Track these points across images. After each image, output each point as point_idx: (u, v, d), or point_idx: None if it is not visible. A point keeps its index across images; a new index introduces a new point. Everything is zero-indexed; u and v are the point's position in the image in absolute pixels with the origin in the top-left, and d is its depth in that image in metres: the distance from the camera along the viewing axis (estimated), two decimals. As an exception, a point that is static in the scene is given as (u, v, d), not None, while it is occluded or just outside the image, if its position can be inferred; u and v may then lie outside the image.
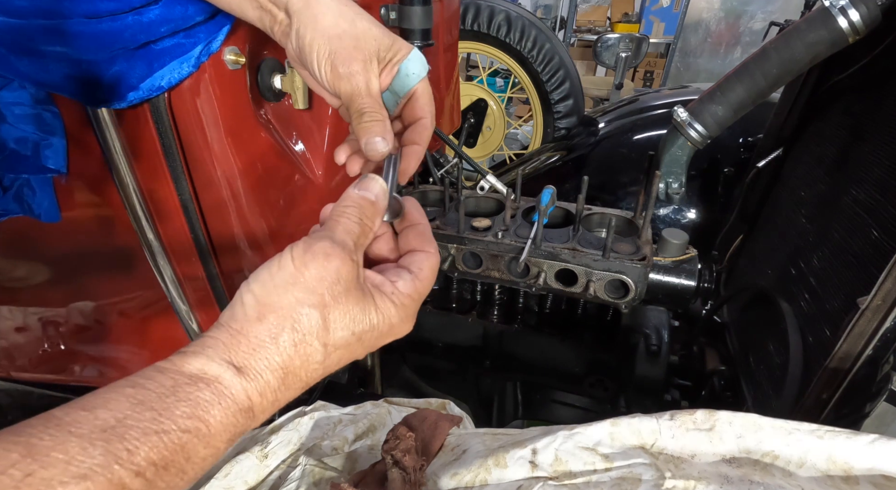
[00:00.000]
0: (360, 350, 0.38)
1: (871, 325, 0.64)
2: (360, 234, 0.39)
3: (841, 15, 0.73)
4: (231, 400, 0.31)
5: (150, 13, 0.51)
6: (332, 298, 0.35)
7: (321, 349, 0.35)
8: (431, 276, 0.42)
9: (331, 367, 0.37)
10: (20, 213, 0.66)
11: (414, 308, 0.40)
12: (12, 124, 0.59)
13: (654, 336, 0.97)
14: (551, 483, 0.49)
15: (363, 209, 0.40)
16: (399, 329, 0.40)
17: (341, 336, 0.36)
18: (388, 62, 0.45)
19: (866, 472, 0.42)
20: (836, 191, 0.83)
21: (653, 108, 1.51)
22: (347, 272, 0.36)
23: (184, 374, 0.31)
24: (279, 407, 0.35)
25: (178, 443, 0.28)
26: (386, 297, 0.38)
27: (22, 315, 0.86)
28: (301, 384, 0.35)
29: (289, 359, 0.34)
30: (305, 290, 0.34)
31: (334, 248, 0.36)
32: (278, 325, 0.34)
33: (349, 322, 0.36)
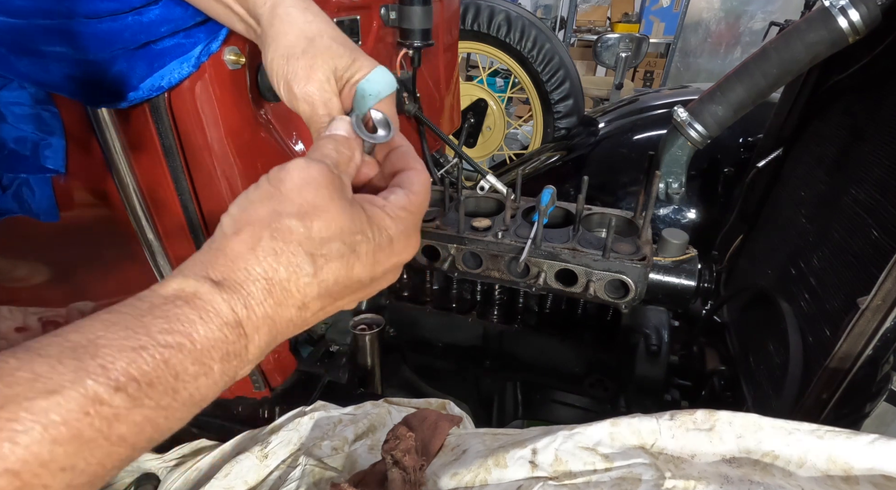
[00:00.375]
0: (359, 268, 0.35)
1: (871, 325, 0.64)
2: (339, 159, 0.37)
3: (841, 15, 0.73)
4: (213, 313, 0.30)
5: (151, 13, 0.51)
6: (312, 207, 0.33)
7: (308, 259, 0.33)
8: (424, 191, 0.40)
9: (328, 284, 0.34)
10: (19, 212, 0.66)
11: (413, 221, 0.38)
12: (12, 124, 0.59)
13: (654, 336, 0.97)
14: (551, 483, 0.49)
15: (336, 140, 0.39)
16: (400, 245, 0.37)
17: (329, 245, 0.33)
18: (347, 82, 0.44)
19: (866, 472, 0.42)
20: (836, 191, 0.83)
21: (653, 108, 1.51)
22: (328, 182, 0.34)
23: (160, 295, 0.29)
24: (279, 329, 0.33)
25: (160, 358, 0.27)
26: (378, 208, 0.36)
27: (22, 315, 0.86)
28: (294, 300, 0.33)
29: (270, 268, 0.32)
30: (283, 201, 0.33)
31: (310, 162, 0.34)
32: (254, 236, 0.32)
33: (337, 230, 0.33)
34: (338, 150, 0.38)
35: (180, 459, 0.82)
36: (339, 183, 0.35)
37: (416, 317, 1.07)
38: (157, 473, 0.82)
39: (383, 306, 1.08)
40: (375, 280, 0.38)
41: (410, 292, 1.08)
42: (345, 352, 0.98)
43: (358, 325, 0.96)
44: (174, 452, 0.82)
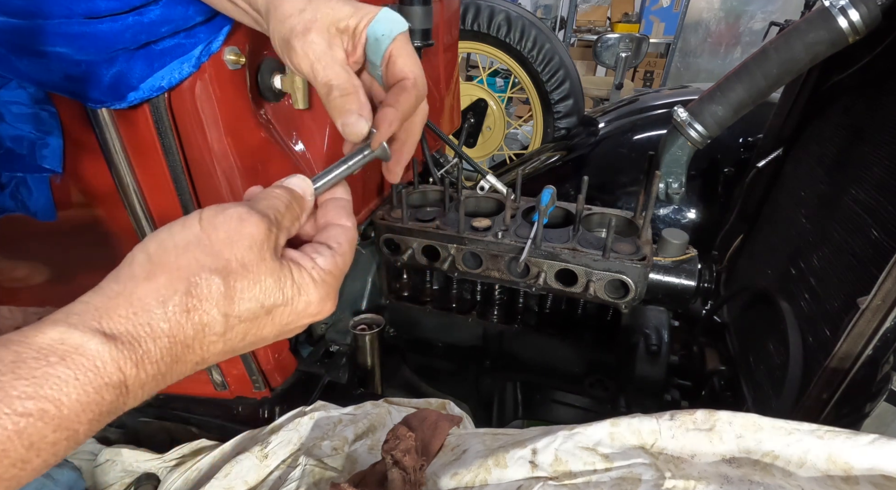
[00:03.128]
0: (269, 328, 0.34)
1: (871, 325, 0.64)
2: (286, 215, 0.35)
3: (841, 15, 0.73)
4: (94, 373, 0.26)
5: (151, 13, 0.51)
6: (240, 265, 0.31)
7: (221, 319, 0.30)
8: (350, 251, 0.39)
9: (234, 342, 0.32)
10: (17, 210, 0.66)
11: (335, 285, 0.37)
12: (10, 123, 0.59)
13: (654, 336, 0.97)
14: (551, 483, 0.49)
15: (293, 196, 0.37)
16: (317, 307, 0.35)
17: (247, 307, 0.31)
18: (354, 30, 0.41)
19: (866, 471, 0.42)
20: (836, 191, 0.83)
21: (653, 108, 1.51)
22: (262, 240, 0.32)
23: (32, 347, 0.25)
24: (167, 382, 0.30)
25: (13, 428, 0.23)
26: (305, 271, 0.34)
27: (22, 315, 0.86)
28: (196, 358, 0.31)
29: (178, 326, 0.29)
30: (209, 252, 0.30)
31: (251, 214, 0.32)
32: (169, 287, 0.29)
33: (258, 293, 0.32)
34: (288, 207, 0.36)
35: (180, 459, 0.82)
36: (273, 242, 0.33)
37: (416, 317, 1.07)
38: (157, 473, 0.82)
39: (383, 306, 1.08)
40: (282, 335, 0.36)
41: (410, 292, 1.08)
42: (345, 352, 0.98)
43: (358, 325, 0.96)
44: (174, 452, 0.82)
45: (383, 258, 0.98)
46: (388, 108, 0.40)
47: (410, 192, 1.01)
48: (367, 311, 1.04)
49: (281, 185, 0.38)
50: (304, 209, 0.38)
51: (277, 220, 0.34)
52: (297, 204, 0.37)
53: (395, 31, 0.41)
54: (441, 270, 0.91)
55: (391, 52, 0.42)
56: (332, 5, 0.41)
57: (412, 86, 0.42)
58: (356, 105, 0.40)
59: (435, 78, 1.17)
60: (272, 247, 0.33)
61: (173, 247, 0.30)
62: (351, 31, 0.41)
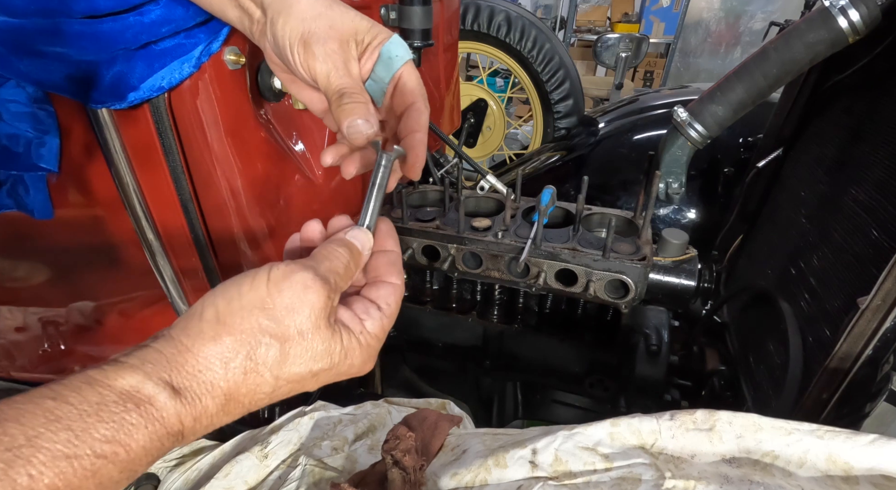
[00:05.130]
0: (311, 384, 0.36)
1: (871, 325, 0.64)
2: (343, 277, 0.37)
3: (841, 15, 0.73)
4: (160, 423, 0.28)
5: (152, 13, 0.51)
6: (297, 333, 0.33)
7: (272, 381, 0.33)
8: (397, 310, 0.40)
9: (277, 398, 0.35)
10: (15, 208, 0.66)
11: (378, 348, 0.39)
12: (7, 122, 0.59)
13: (654, 336, 0.97)
14: (551, 483, 0.49)
15: (352, 255, 0.38)
16: (359, 369, 0.37)
17: (297, 371, 0.34)
18: (368, 45, 0.43)
19: (866, 472, 0.42)
20: (836, 191, 0.83)
21: (653, 108, 1.51)
22: (321, 309, 0.34)
23: (114, 390, 0.28)
24: (213, 429, 0.33)
25: (91, 469, 0.25)
26: (354, 336, 0.36)
27: (22, 315, 0.86)
28: (242, 411, 0.33)
29: (235, 386, 0.31)
30: (273, 318, 0.32)
31: (315, 282, 0.34)
32: (233, 350, 0.31)
33: (308, 359, 0.34)
34: (346, 268, 0.37)
35: (180, 459, 0.82)
36: (330, 308, 0.35)
37: (416, 317, 1.07)
38: (157, 473, 0.82)
39: (383, 306, 1.08)
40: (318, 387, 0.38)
41: (410, 292, 1.08)
42: (345, 352, 0.98)
43: (358, 325, 0.96)
44: (174, 452, 0.82)
45: (383, 258, 0.98)
46: (417, 134, 0.44)
47: (410, 192, 1.01)
48: (367, 311, 1.04)
49: (343, 240, 0.39)
50: (360, 266, 0.40)
51: (336, 284, 0.36)
52: (354, 261, 0.38)
53: (407, 56, 0.45)
54: (441, 270, 0.91)
55: (402, 73, 0.45)
56: (352, 17, 0.43)
57: (425, 108, 0.46)
58: (363, 112, 0.42)
59: (435, 78, 1.17)
60: (328, 313, 0.34)
61: (240, 308, 0.32)
62: (366, 45, 0.43)
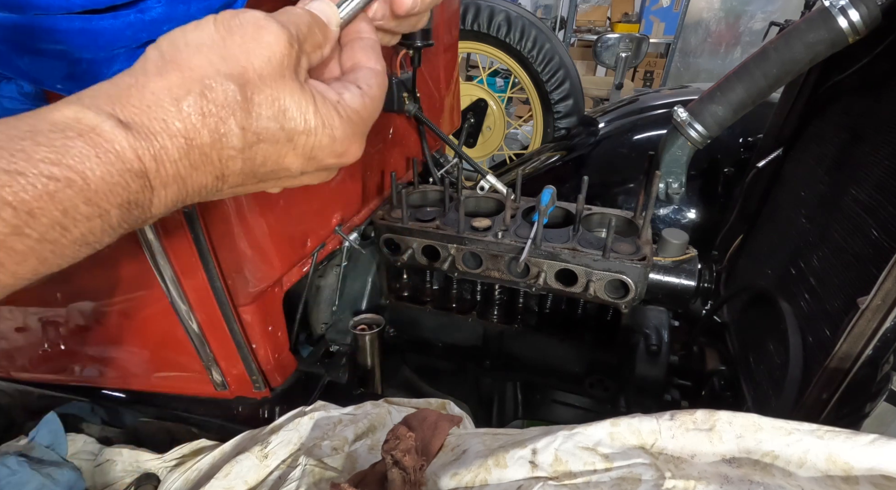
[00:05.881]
0: (292, 157, 0.31)
1: (871, 325, 0.64)
2: (306, 36, 0.32)
3: (841, 15, 0.73)
4: (114, 156, 0.25)
5: (153, 11, 0.51)
6: (257, 76, 0.29)
7: (238, 132, 0.28)
8: (380, 96, 0.36)
9: (254, 164, 0.30)
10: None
11: (363, 127, 0.34)
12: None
13: (654, 336, 0.97)
14: (551, 483, 0.49)
15: (315, 20, 0.33)
16: (343, 145, 0.33)
17: (266, 126, 0.29)
18: None
19: (866, 472, 0.42)
20: (836, 191, 0.83)
21: (653, 108, 1.51)
22: (282, 54, 0.29)
23: (46, 121, 0.25)
24: (189, 194, 0.29)
25: (43, 190, 0.23)
26: (329, 103, 0.32)
27: (22, 315, 0.86)
28: (213, 168, 0.29)
29: (193, 129, 0.27)
30: (224, 57, 0.28)
31: (270, 22, 0.29)
32: (182, 87, 0.27)
33: (277, 112, 0.29)
34: (309, 28, 0.32)
35: (180, 459, 0.82)
36: (294, 59, 0.30)
37: (416, 317, 1.07)
38: (157, 473, 0.82)
39: (383, 306, 1.08)
40: (305, 174, 0.34)
41: (410, 292, 1.08)
42: (345, 352, 0.98)
43: (358, 325, 0.96)
44: (174, 452, 0.82)
45: (383, 258, 0.98)
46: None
47: (410, 192, 1.01)
48: (367, 311, 1.04)
49: (302, 8, 0.34)
50: (328, 38, 0.34)
51: (299, 37, 0.31)
52: (320, 30, 0.33)
53: None
54: (441, 270, 0.91)
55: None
56: None
57: None
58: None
59: (435, 78, 1.17)
60: (292, 65, 0.30)
61: (185, 45, 0.28)
62: None
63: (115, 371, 0.89)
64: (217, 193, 0.31)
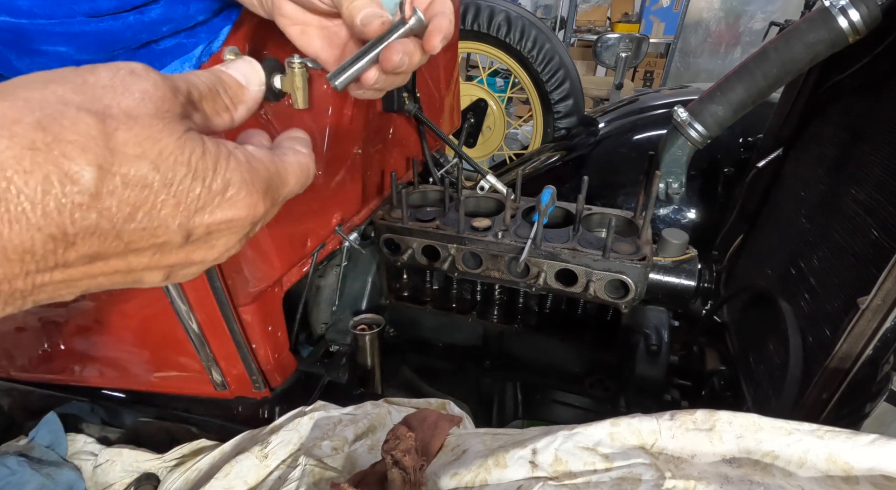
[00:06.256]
0: (171, 208, 0.24)
1: (871, 325, 0.64)
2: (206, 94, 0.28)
3: (841, 15, 0.73)
4: None
5: (152, 12, 0.51)
6: (124, 114, 0.23)
7: (92, 171, 0.21)
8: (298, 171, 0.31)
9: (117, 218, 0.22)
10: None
11: (266, 182, 0.28)
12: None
13: (654, 336, 0.97)
14: (551, 483, 0.49)
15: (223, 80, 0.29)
16: (238, 197, 0.26)
17: (134, 164, 0.22)
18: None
19: (866, 472, 0.42)
20: (836, 191, 0.83)
21: (653, 108, 1.51)
22: (160, 97, 0.24)
23: None
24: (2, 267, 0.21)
25: None
26: (224, 146, 0.26)
27: (22, 315, 0.86)
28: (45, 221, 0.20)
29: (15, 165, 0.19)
30: (81, 91, 0.22)
31: (147, 71, 0.24)
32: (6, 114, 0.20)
33: (149, 149, 0.23)
34: (210, 88, 0.28)
35: (180, 459, 0.82)
36: (179, 108, 0.25)
37: (416, 317, 1.07)
38: (157, 473, 0.82)
39: (383, 306, 1.08)
40: (193, 241, 0.26)
41: (410, 292, 1.08)
42: (345, 352, 0.98)
43: (358, 325, 0.96)
44: (174, 452, 0.82)
45: (383, 258, 0.98)
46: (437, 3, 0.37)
47: (410, 192, 1.01)
48: (367, 311, 1.04)
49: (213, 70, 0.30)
50: (243, 99, 0.30)
51: (189, 93, 0.26)
52: (231, 90, 0.29)
53: None
54: (441, 270, 0.91)
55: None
56: None
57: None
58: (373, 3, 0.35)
59: (435, 78, 1.17)
60: (173, 109, 0.25)
61: (34, 79, 0.22)
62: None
63: (115, 371, 0.89)
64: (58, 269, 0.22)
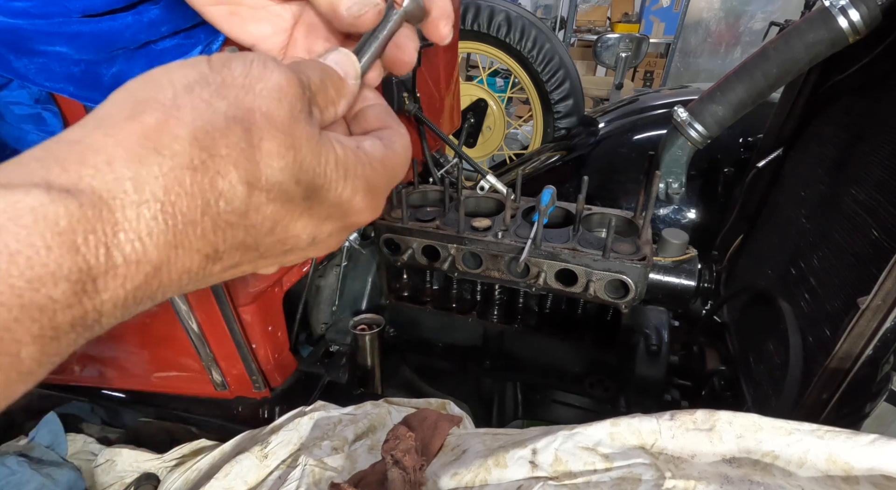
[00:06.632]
0: (304, 222, 0.24)
1: (871, 325, 0.64)
2: (319, 87, 0.26)
3: (841, 15, 0.73)
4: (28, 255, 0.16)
5: (150, 13, 0.51)
6: (266, 120, 0.22)
7: (242, 190, 0.21)
8: (405, 155, 0.30)
9: (259, 235, 0.23)
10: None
11: (385, 181, 0.28)
12: (11, 124, 0.59)
13: (654, 336, 0.97)
14: (551, 483, 0.49)
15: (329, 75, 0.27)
16: (362, 204, 0.27)
17: (278, 180, 0.22)
18: None
19: (866, 472, 0.42)
20: (836, 191, 0.83)
21: (653, 108, 1.51)
22: (294, 95, 0.23)
23: None
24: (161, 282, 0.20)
25: None
26: (350, 150, 0.26)
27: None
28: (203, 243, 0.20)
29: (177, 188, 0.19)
30: (224, 95, 0.21)
31: (276, 64, 0.23)
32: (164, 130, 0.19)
33: (292, 162, 0.22)
34: (322, 81, 0.27)
35: (180, 459, 0.82)
36: (307, 105, 0.24)
37: (416, 317, 1.07)
38: (157, 473, 0.82)
39: (383, 306, 1.08)
40: (315, 243, 0.27)
41: (410, 292, 1.08)
42: (345, 352, 0.98)
43: (358, 325, 0.96)
44: (174, 452, 0.82)
45: (383, 258, 0.98)
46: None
47: (410, 192, 1.01)
48: (367, 311, 1.04)
49: (315, 60, 0.29)
50: (344, 93, 0.28)
51: (310, 87, 0.25)
52: (334, 84, 0.27)
53: None
54: (441, 270, 0.91)
55: None
56: None
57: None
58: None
59: (435, 78, 1.17)
60: (306, 109, 0.24)
61: (169, 83, 0.21)
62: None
63: (115, 371, 0.89)
64: (201, 281, 0.23)
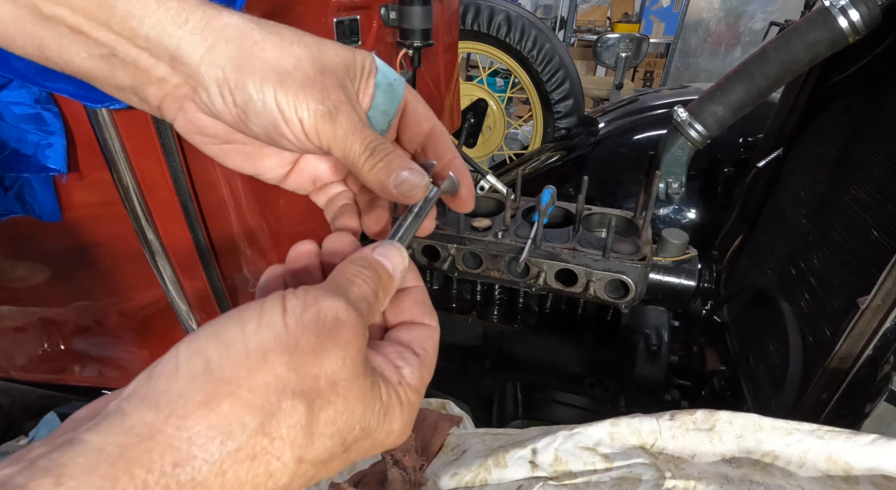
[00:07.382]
0: (338, 464, 0.25)
1: (871, 325, 0.64)
2: (374, 308, 0.27)
3: (841, 15, 0.73)
4: None
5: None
6: (329, 386, 0.22)
7: (292, 466, 0.22)
8: (435, 359, 0.31)
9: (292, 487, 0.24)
10: (21, 212, 0.66)
11: (417, 407, 0.28)
12: (12, 124, 0.59)
13: (654, 336, 0.97)
14: (551, 483, 0.49)
15: (381, 279, 0.28)
16: (396, 438, 0.27)
17: (326, 447, 0.23)
18: (362, 77, 0.32)
19: (866, 472, 0.42)
20: (836, 191, 0.83)
21: (653, 108, 1.51)
22: (357, 350, 0.24)
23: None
24: None
25: None
26: (392, 389, 0.26)
27: (22, 315, 0.86)
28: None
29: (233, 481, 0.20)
30: (296, 367, 0.22)
31: (349, 313, 0.24)
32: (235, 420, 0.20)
33: (343, 426, 0.23)
34: (376, 296, 0.27)
35: (180, 459, 0.82)
36: (365, 347, 0.25)
37: (416, 317, 1.07)
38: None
39: (383, 306, 1.08)
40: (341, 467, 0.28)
41: (410, 292, 1.08)
42: (345, 352, 0.98)
43: (358, 325, 0.96)
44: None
45: (383, 258, 0.98)
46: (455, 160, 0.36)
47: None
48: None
49: (369, 258, 0.28)
50: (390, 294, 0.29)
51: (368, 311, 0.26)
52: (384, 289, 0.28)
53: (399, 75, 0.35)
54: (441, 270, 0.91)
55: (407, 100, 0.35)
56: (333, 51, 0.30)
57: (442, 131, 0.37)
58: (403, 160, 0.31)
59: (435, 78, 1.17)
60: (364, 354, 0.24)
61: (245, 355, 0.21)
62: (360, 77, 0.32)
63: (115, 371, 0.89)
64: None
